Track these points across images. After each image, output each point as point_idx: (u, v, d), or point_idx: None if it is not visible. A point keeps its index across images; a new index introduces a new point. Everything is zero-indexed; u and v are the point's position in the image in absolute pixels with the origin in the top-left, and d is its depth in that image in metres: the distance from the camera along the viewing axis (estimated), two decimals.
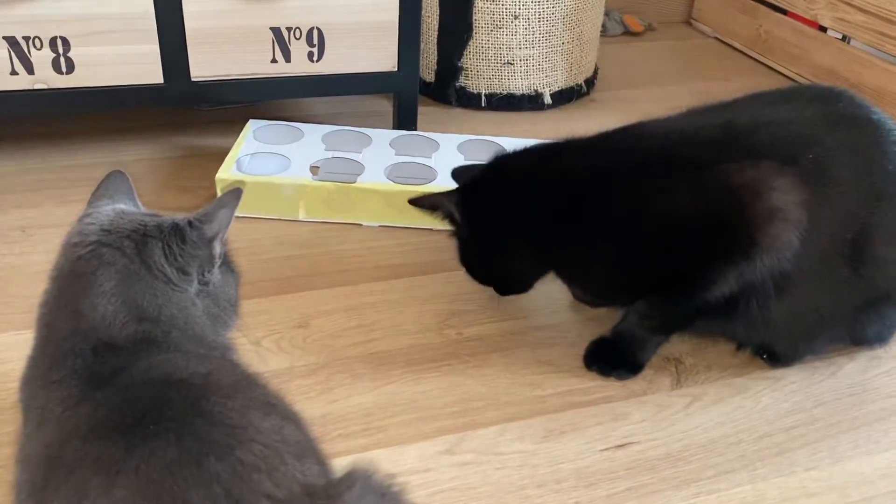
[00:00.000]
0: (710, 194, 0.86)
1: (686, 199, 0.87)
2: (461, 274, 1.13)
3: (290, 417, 0.61)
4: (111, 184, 0.75)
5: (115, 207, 0.71)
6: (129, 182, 0.77)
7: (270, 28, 1.31)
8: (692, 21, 2.23)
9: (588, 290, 1.02)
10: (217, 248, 0.70)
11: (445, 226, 0.98)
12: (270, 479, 0.52)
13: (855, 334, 0.99)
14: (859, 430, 0.92)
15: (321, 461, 0.60)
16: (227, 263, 0.74)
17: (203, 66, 1.31)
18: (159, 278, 0.65)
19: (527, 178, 0.95)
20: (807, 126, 0.89)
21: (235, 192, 0.70)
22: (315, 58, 1.36)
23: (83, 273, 0.65)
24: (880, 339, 1.01)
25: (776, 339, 0.98)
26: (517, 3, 1.57)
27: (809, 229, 0.85)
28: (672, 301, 0.94)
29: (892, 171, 0.89)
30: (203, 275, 0.69)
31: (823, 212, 0.86)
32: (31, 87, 1.25)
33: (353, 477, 0.57)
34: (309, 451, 0.59)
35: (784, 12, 1.93)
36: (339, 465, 0.62)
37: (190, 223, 0.68)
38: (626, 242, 0.90)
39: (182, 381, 0.58)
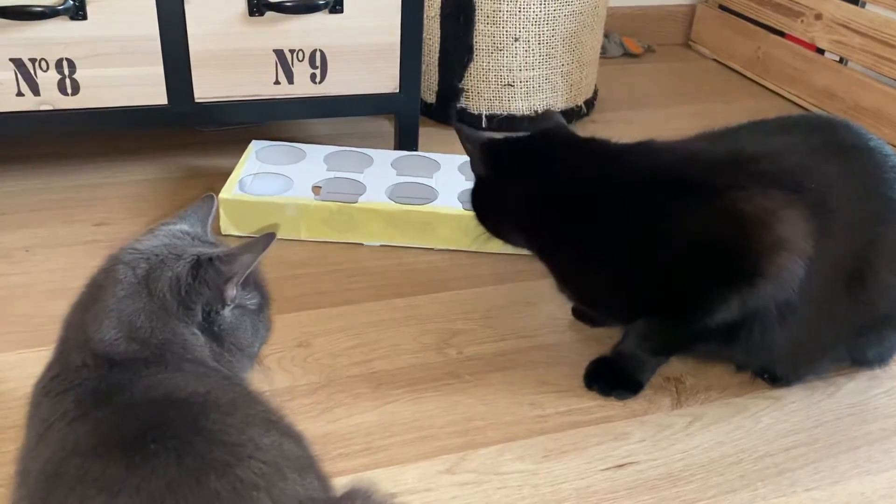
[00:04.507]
0: (717, 220, 0.87)
1: (693, 222, 0.87)
2: (462, 293, 1.14)
3: (290, 434, 0.61)
4: (194, 205, 0.76)
5: (176, 227, 0.72)
6: (211, 206, 0.77)
7: (273, 50, 1.33)
8: (691, 43, 2.25)
9: (579, 294, 1.01)
10: (230, 291, 0.68)
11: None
12: (270, 496, 0.53)
13: (855, 356, 0.99)
14: (859, 450, 0.92)
15: (321, 477, 0.61)
16: (250, 311, 0.71)
17: (207, 87, 1.33)
18: (157, 304, 0.64)
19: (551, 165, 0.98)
20: (809, 156, 0.90)
21: (266, 238, 0.67)
22: (318, 79, 1.37)
23: (98, 284, 0.66)
24: (880, 361, 1.01)
25: (777, 363, 0.98)
26: (518, 25, 1.58)
27: (814, 259, 0.86)
28: (672, 325, 0.94)
29: (890, 198, 0.89)
30: (209, 313, 0.67)
31: (826, 241, 0.86)
32: (36, 109, 1.26)
33: (354, 495, 0.57)
34: (309, 466, 0.60)
35: (782, 35, 1.95)
36: (340, 484, 0.62)
37: (210, 260, 0.66)
38: (624, 252, 0.90)
39: (182, 400, 0.58)
